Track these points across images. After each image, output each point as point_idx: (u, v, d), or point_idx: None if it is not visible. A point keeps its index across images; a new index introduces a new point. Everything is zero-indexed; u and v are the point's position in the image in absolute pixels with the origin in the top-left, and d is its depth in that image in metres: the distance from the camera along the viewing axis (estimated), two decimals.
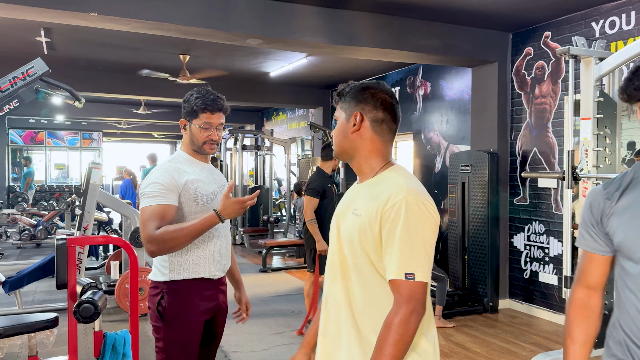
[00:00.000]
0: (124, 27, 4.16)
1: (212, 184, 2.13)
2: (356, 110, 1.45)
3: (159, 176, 2.00)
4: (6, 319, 2.94)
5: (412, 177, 1.43)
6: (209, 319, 2.12)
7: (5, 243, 8.42)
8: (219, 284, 2.16)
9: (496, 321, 4.96)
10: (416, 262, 1.29)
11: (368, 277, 1.38)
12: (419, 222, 1.31)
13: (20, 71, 3.52)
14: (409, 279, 1.28)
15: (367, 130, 1.45)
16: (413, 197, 1.33)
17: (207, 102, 2.06)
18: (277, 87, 9.02)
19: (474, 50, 5.25)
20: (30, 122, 13.96)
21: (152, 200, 1.95)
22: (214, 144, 2.11)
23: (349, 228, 1.42)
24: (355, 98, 1.47)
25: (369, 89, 1.47)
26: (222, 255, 2.13)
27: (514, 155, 5.40)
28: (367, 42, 4.79)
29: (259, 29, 4.39)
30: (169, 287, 2.03)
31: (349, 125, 1.46)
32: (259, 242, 7.87)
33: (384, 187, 1.38)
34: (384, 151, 1.47)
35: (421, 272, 1.29)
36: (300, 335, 4.46)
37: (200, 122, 2.06)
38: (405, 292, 1.29)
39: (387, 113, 1.46)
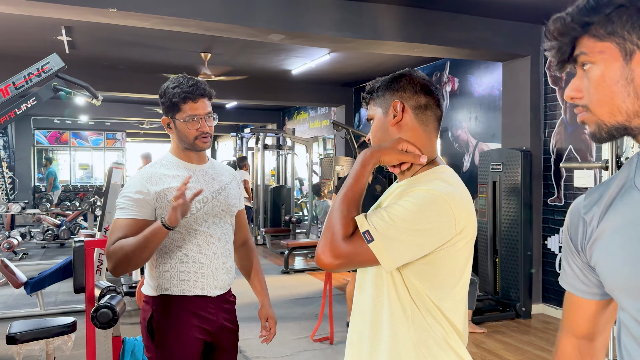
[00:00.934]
0: (144, 24, 4.07)
1: (203, 190, 1.82)
2: (394, 99, 1.29)
3: (130, 187, 1.79)
4: (23, 323, 2.85)
5: (450, 181, 1.22)
6: (208, 340, 1.88)
7: (30, 243, 8.46)
8: (221, 301, 1.89)
9: (529, 327, 4.73)
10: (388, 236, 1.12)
11: (395, 287, 1.21)
12: (428, 207, 1.13)
13: (35, 67, 3.41)
14: (366, 238, 1.13)
15: (409, 119, 1.28)
16: (434, 191, 1.16)
17: (186, 91, 1.77)
18: (299, 85, 8.88)
19: (505, 43, 5.03)
20: (55, 122, 14.12)
21: (120, 213, 1.76)
22: (206, 137, 1.83)
23: None
24: (390, 88, 1.30)
25: (403, 76, 1.30)
26: (219, 270, 1.86)
27: (547, 154, 5.16)
28: (393, 36, 4.61)
29: (281, 24, 4.26)
30: (158, 304, 1.82)
31: (388, 118, 1.29)
32: (281, 242, 7.74)
33: (414, 188, 1.20)
34: (429, 145, 1.29)
35: (378, 247, 1.12)
36: (322, 341, 4.30)
37: (185, 115, 1.78)
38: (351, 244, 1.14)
39: (430, 97, 1.29)
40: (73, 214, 8.24)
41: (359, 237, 1.14)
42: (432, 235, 1.14)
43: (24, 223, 10.91)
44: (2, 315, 4.85)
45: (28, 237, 7.84)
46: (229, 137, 16.46)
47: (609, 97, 0.80)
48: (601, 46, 0.80)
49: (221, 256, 1.88)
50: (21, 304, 5.26)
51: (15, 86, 3.29)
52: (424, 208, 1.14)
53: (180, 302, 1.81)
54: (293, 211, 9.73)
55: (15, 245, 7.15)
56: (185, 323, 1.81)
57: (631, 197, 0.83)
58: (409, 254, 1.15)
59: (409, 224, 1.13)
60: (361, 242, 1.13)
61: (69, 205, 7.51)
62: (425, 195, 1.15)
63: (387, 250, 1.12)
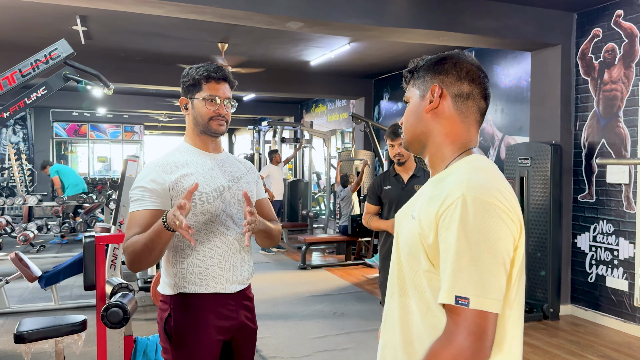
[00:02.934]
0: (158, 11, 3.93)
1: (219, 178, 1.77)
2: (434, 83, 1.14)
3: (144, 177, 1.71)
4: (33, 321, 2.75)
5: (487, 170, 1.08)
6: (227, 339, 1.79)
7: (47, 235, 8.46)
8: (240, 298, 1.81)
9: (558, 329, 4.52)
10: (473, 282, 0.95)
11: (429, 297, 1.06)
12: (482, 227, 0.97)
13: (43, 54, 3.28)
14: (461, 304, 0.95)
15: (447, 107, 1.13)
16: (475, 193, 0.99)
17: (210, 70, 1.76)
18: (318, 77, 8.70)
19: (535, 32, 4.78)
20: (73, 115, 14.17)
21: (135, 205, 1.68)
22: (222, 120, 1.77)
23: (406, 234, 1.12)
24: (432, 70, 1.16)
25: (449, 59, 1.16)
26: (237, 264, 1.78)
27: (578, 148, 4.91)
28: (417, 24, 4.40)
29: (300, 11, 4.08)
30: (176, 303, 1.73)
31: (424, 103, 1.15)
32: (299, 237, 7.61)
33: (447, 183, 1.06)
34: (464, 136, 1.14)
35: (480, 298, 0.94)
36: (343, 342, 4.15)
37: (204, 94, 1.75)
38: (460, 321, 0.95)
39: (475, 86, 1.14)
40: (90, 207, 8.20)
41: (458, 313, 0.97)
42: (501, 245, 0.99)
43: (42, 215, 10.97)
44: (17, 310, 4.79)
45: (45, 230, 7.82)
46: (247, 130, 16.36)
47: None
48: None
49: (239, 249, 1.79)
50: (37, 298, 5.22)
51: (22, 73, 3.16)
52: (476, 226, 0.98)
53: (199, 300, 1.72)
54: (310, 205, 9.58)
55: (31, 237, 7.13)
56: (205, 323, 1.72)
57: None
58: (501, 279, 0.99)
59: (477, 253, 0.97)
60: (464, 314, 0.96)
61: (85, 198, 7.47)
62: (469, 210, 0.99)
63: (487, 295, 0.96)
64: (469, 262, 0.96)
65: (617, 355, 3.94)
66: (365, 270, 6.87)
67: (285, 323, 4.51)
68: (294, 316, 4.73)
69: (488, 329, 0.96)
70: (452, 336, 0.96)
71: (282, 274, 6.59)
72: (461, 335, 0.95)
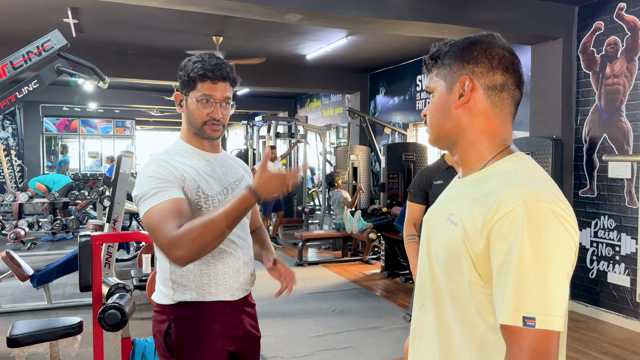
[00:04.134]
0: (154, 3, 3.81)
1: (222, 180, 1.65)
2: (463, 74, 1.02)
3: (155, 170, 1.52)
4: (26, 323, 2.65)
5: (538, 172, 0.99)
6: (233, 350, 1.66)
7: (38, 232, 8.31)
8: (244, 304, 1.69)
9: None
10: (540, 300, 0.86)
11: (471, 311, 0.96)
12: (547, 239, 0.87)
13: (35, 45, 3.14)
14: (529, 325, 0.86)
15: (480, 101, 1.02)
16: (537, 201, 0.89)
17: (207, 68, 1.56)
18: (314, 71, 8.60)
19: (536, 25, 4.72)
20: (64, 110, 13.96)
21: (156, 199, 1.45)
22: (217, 125, 1.61)
23: (442, 240, 1.02)
24: (460, 58, 1.03)
25: (479, 44, 1.03)
26: (240, 270, 1.65)
27: (579, 142, 4.86)
28: (418, 16, 4.32)
29: (299, 3, 3.98)
30: (176, 313, 1.58)
31: (452, 97, 1.03)
32: (295, 234, 7.52)
33: (495, 185, 0.95)
34: (502, 132, 1.03)
35: (546, 317, 0.86)
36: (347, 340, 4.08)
37: (198, 94, 1.57)
38: (525, 344, 0.86)
39: (509, 75, 1.02)
40: (82, 204, 8.06)
41: (522, 336, 0.87)
42: (566, 257, 0.90)
43: (33, 212, 10.79)
44: (9, 310, 4.68)
45: (36, 227, 7.68)
46: (240, 125, 16.22)
47: None
48: None
49: (242, 255, 1.67)
50: (28, 297, 5.10)
51: (13, 66, 3.03)
52: (542, 238, 0.88)
53: (201, 309, 1.59)
54: (305, 201, 9.49)
55: (22, 235, 6.99)
56: (209, 333, 1.59)
57: None
58: (566, 295, 0.90)
59: (544, 268, 0.88)
60: (529, 335, 0.87)
61: (77, 195, 7.33)
62: (534, 219, 0.89)
63: (553, 313, 0.87)
64: (535, 279, 0.87)
65: (620, 351, 3.91)
66: (363, 267, 6.81)
67: (284, 321, 4.43)
68: (293, 314, 4.66)
69: (553, 348, 0.87)
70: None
71: None
72: (528, 358, 0.86)
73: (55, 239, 8.36)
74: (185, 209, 1.46)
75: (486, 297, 0.94)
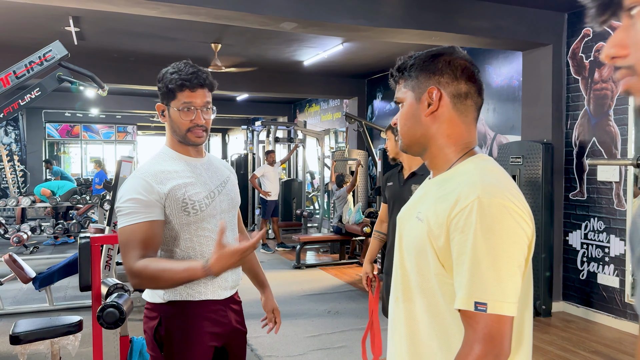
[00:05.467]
0: (152, 12, 3.93)
1: (208, 184, 1.72)
2: (430, 84, 1.11)
3: (133, 188, 1.60)
4: (28, 322, 2.75)
5: (495, 171, 1.08)
6: (219, 346, 1.77)
7: (41, 236, 8.43)
8: (230, 302, 1.79)
9: (550, 326, 4.57)
10: (491, 287, 0.95)
11: (438, 301, 1.05)
12: (498, 232, 0.97)
13: (37, 55, 3.27)
14: (480, 310, 0.95)
15: (446, 109, 1.11)
16: (490, 197, 0.98)
17: (184, 78, 1.62)
18: (311, 77, 8.72)
19: (526, 32, 4.83)
20: (66, 115, 14.10)
21: (129, 219, 1.56)
22: (200, 130, 1.67)
23: (411, 236, 1.11)
24: (425, 69, 1.12)
25: (442, 56, 1.12)
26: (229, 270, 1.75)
27: (569, 146, 4.96)
28: (410, 24, 4.43)
29: (293, 12, 4.10)
30: (166, 311, 1.67)
31: (421, 107, 1.12)
32: (293, 237, 7.62)
33: (456, 184, 1.05)
34: (466, 136, 1.13)
35: (498, 302, 0.95)
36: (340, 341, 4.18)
37: (179, 103, 1.64)
38: (479, 327, 0.96)
39: (472, 84, 1.12)
40: (83, 208, 8.18)
41: (476, 320, 0.97)
42: (517, 248, 1.00)
43: (35, 216, 10.91)
44: (11, 311, 4.78)
45: (38, 231, 7.79)
46: (240, 130, 16.34)
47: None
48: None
49: None
50: (30, 299, 5.20)
51: (16, 75, 3.15)
52: (493, 231, 0.98)
53: (190, 307, 1.69)
54: (304, 205, 9.60)
55: (24, 239, 7.10)
56: (198, 330, 1.69)
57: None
58: (517, 283, 0.99)
59: (495, 258, 0.97)
60: (482, 320, 0.96)
61: (79, 199, 7.45)
62: (486, 213, 0.98)
63: (504, 300, 0.96)
64: (487, 267, 0.96)
65: (608, 350, 4.00)
66: (360, 269, 6.90)
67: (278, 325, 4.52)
68: (289, 315, 4.75)
69: (506, 332, 0.96)
70: (473, 344, 0.96)
71: (277, 273, 6.61)
72: (481, 341, 0.96)
73: (57, 242, 8.47)
74: (153, 233, 1.58)
75: (451, 287, 1.03)
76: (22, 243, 7.10)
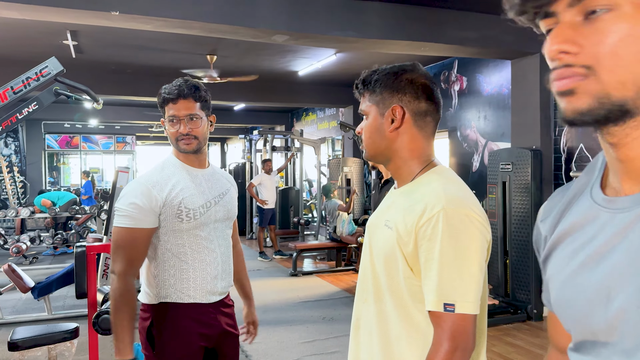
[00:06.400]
0: (147, 27, 4.04)
1: (206, 194, 1.83)
2: (393, 102, 1.19)
3: (133, 192, 1.73)
4: (26, 329, 2.83)
5: (456, 182, 1.19)
6: (210, 346, 1.86)
7: (40, 247, 8.51)
8: (220, 306, 1.87)
9: (541, 330, 4.64)
10: (458, 289, 1.06)
11: (407, 301, 1.15)
12: (462, 239, 1.07)
13: (34, 71, 3.39)
14: (449, 310, 1.06)
15: (408, 125, 1.20)
16: (454, 207, 1.08)
17: (167, 92, 1.79)
18: (306, 87, 8.84)
19: (514, 41, 4.93)
20: (65, 126, 14.21)
21: (123, 221, 1.71)
22: (186, 139, 1.79)
23: (381, 242, 1.20)
24: (390, 87, 1.20)
25: (404, 73, 1.20)
26: (219, 276, 1.84)
27: (558, 153, 5.06)
28: (399, 35, 4.54)
29: (285, 25, 4.21)
30: (157, 312, 1.78)
31: (386, 122, 1.21)
32: (289, 245, 7.70)
33: (421, 195, 1.14)
34: (427, 149, 1.23)
35: (464, 302, 1.06)
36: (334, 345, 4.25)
37: (167, 116, 1.81)
38: (447, 326, 1.06)
39: (431, 102, 1.21)
40: (82, 218, 8.26)
41: (445, 319, 1.08)
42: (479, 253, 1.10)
43: (35, 227, 10.98)
44: (10, 320, 4.85)
45: (37, 242, 7.87)
46: (238, 140, 16.46)
47: (628, 60, 0.54)
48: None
49: (221, 263, 1.85)
50: (30, 308, 5.27)
51: (14, 90, 3.27)
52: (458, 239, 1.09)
53: (180, 309, 1.78)
54: (302, 213, 9.68)
55: (24, 249, 7.18)
56: (187, 330, 1.78)
57: (580, 206, 0.69)
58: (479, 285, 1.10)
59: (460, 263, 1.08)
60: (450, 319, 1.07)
61: (78, 209, 7.54)
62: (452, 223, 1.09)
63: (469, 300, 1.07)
64: (454, 272, 1.06)
65: None
66: (355, 276, 6.96)
67: (275, 329, 4.60)
68: (284, 322, 4.82)
69: (471, 329, 1.07)
70: (441, 341, 1.06)
71: (273, 281, 6.68)
72: (449, 339, 1.06)
73: (56, 253, 8.54)
74: (140, 241, 1.73)
75: (418, 288, 1.12)
76: (21, 253, 7.18)
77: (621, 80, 0.55)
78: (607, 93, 0.56)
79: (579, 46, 0.57)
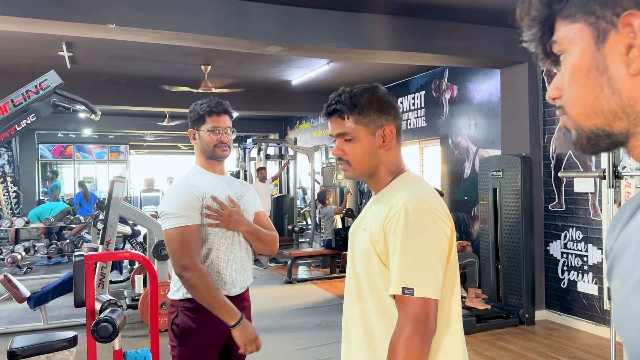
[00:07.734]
0: (142, 38, 4.11)
1: (224, 195, 2.07)
2: (383, 123, 1.33)
3: (181, 195, 1.96)
4: (25, 338, 2.87)
5: (419, 183, 1.31)
6: (226, 338, 1.99)
7: (34, 257, 8.50)
8: (240, 299, 2.05)
9: (533, 334, 4.71)
10: (416, 275, 1.16)
11: (384, 296, 1.25)
12: (420, 230, 1.19)
13: (34, 84, 3.46)
14: (407, 294, 1.16)
15: (394, 142, 1.36)
16: (414, 203, 1.21)
17: (212, 105, 2.07)
18: (300, 96, 8.93)
19: (503, 50, 5.04)
20: (59, 136, 14.21)
21: (178, 222, 1.92)
22: (225, 146, 2.08)
23: (360, 245, 1.32)
24: (378, 110, 1.32)
25: (384, 96, 1.35)
26: (238, 270, 2.04)
27: (547, 159, 5.16)
28: (390, 46, 4.64)
29: (278, 36, 4.29)
30: (183, 305, 1.98)
31: (378, 141, 1.33)
32: (284, 252, 7.75)
33: (389, 198, 1.28)
34: (400, 159, 1.39)
35: (422, 287, 1.16)
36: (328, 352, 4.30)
37: (208, 126, 2.05)
38: (408, 310, 1.16)
39: (400, 119, 1.39)
40: (77, 228, 8.27)
41: (406, 303, 1.17)
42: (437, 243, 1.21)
43: (29, 237, 10.96)
44: (6, 330, 4.86)
45: (32, 252, 7.87)
46: (233, 148, 16.48)
47: (581, 94, 0.61)
48: (572, 29, 0.61)
49: (240, 258, 2.05)
50: (25, 319, 5.29)
51: (14, 103, 3.33)
52: (417, 230, 1.19)
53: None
54: (296, 220, 9.73)
55: (18, 259, 7.18)
56: (209, 323, 1.94)
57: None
58: (438, 272, 1.20)
59: (418, 251, 1.18)
60: (410, 303, 1.16)
61: (72, 219, 7.55)
62: (410, 217, 1.20)
63: (428, 285, 1.17)
64: (412, 259, 1.17)
65: (588, 356, 4.14)
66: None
67: (271, 336, 4.64)
68: (279, 329, 4.87)
69: (431, 313, 1.17)
70: (403, 325, 1.16)
71: (269, 288, 6.72)
72: (410, 322, 1.15)
73: (51, 263, 8.54)
74: (195, 236, 1.93)
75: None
76: (16, 264, 7.18)
77: (582, 112, 0.61)
78: (579, 125, 0.62)
79: (559, 90, 0.64)
